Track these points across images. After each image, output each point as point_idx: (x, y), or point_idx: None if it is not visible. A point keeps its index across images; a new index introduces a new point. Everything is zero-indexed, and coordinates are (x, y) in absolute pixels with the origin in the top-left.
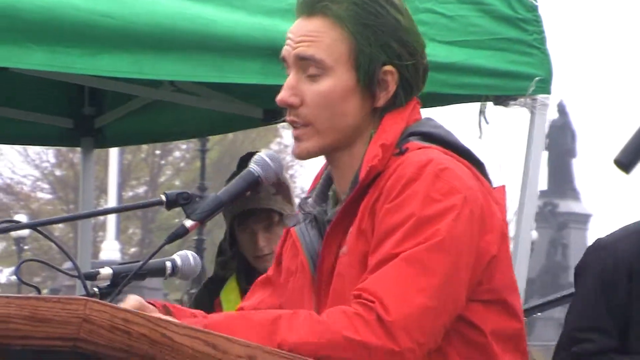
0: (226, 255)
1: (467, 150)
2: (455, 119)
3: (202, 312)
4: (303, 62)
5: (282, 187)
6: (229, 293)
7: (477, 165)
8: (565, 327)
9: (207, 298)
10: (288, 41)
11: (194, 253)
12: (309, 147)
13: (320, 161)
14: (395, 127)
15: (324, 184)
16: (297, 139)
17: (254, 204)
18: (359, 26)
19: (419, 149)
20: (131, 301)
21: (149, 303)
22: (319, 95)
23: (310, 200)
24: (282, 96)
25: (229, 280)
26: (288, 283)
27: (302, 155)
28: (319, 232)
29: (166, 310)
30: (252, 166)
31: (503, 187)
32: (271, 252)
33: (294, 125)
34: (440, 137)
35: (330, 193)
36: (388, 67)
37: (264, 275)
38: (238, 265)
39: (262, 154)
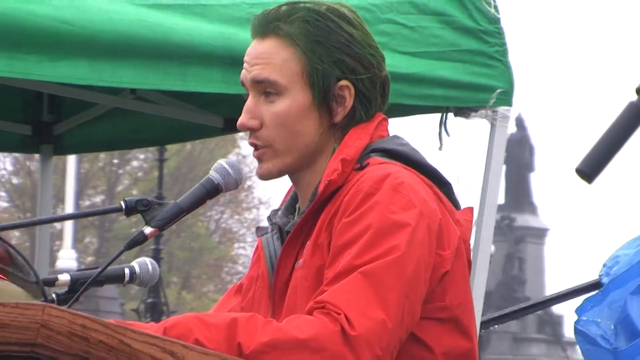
0: None
1: (433, 169)
2: (416, 130)
3: None
4: (259, 84)
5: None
6: None
7: (442, 185)
8: None
9: None
10: (245, 65)
11: (152, 260)
12: (270, 167)
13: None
14: (358, 142)
15: (294, 196)
16: (258, 160)
17: None
18: (310, 43)
19: (380, 164)
20: None
21: None
22: (276, 116)
23: (279, 212)
24: (241, 120)
25: None
26: (249, 291)
27: (264, 176)
28: (281, 244)
29: None
30: (212, 174)
31: (470, 208)
32: None
33: (255, 147)
34: (404, 154)
35: (297, 206)
36: (343, 82)
37: (237, 283)
38: None
39: (222, 162)
